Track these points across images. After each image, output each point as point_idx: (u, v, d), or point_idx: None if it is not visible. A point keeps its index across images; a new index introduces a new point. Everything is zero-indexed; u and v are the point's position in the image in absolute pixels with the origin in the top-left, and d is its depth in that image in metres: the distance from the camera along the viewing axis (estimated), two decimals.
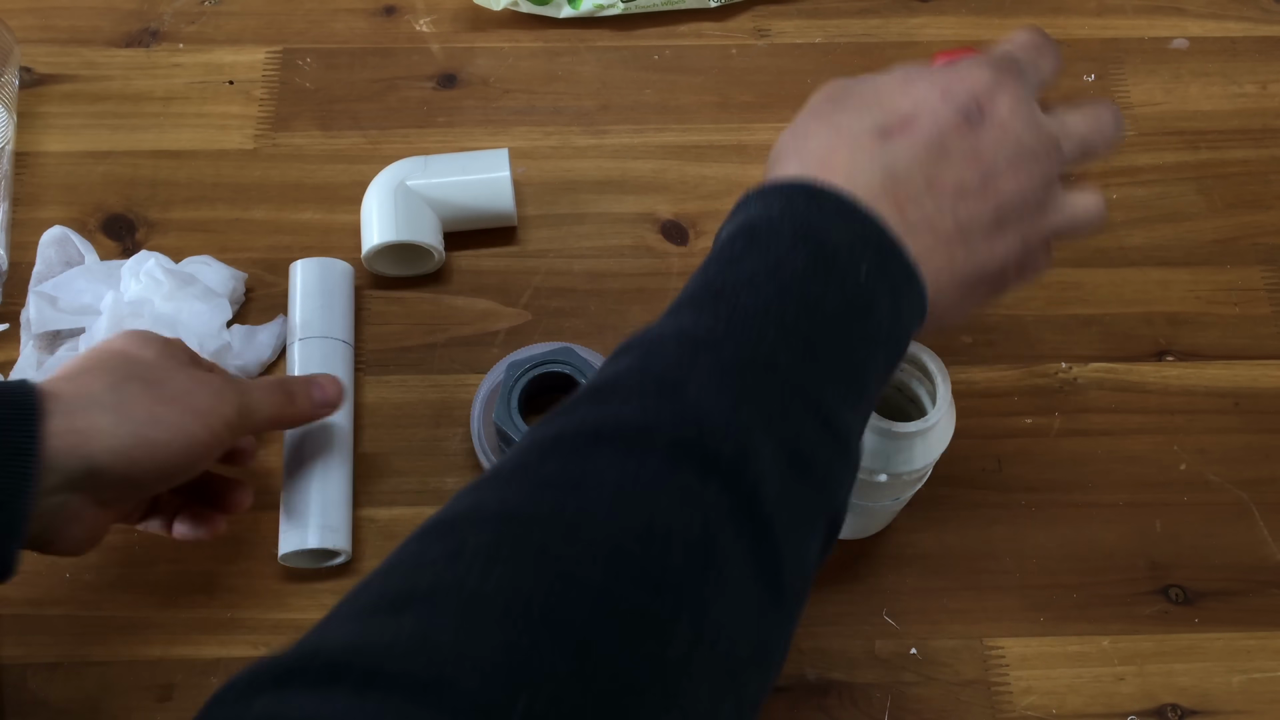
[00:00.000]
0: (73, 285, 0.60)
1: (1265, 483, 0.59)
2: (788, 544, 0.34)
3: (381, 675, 0.27)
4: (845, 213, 0.38)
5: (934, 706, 0.54)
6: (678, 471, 0.32)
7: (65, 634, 0.55)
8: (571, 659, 0.28)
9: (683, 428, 0.33)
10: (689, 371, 0.35)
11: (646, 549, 0.31)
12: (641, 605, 0.30)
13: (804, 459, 0.35)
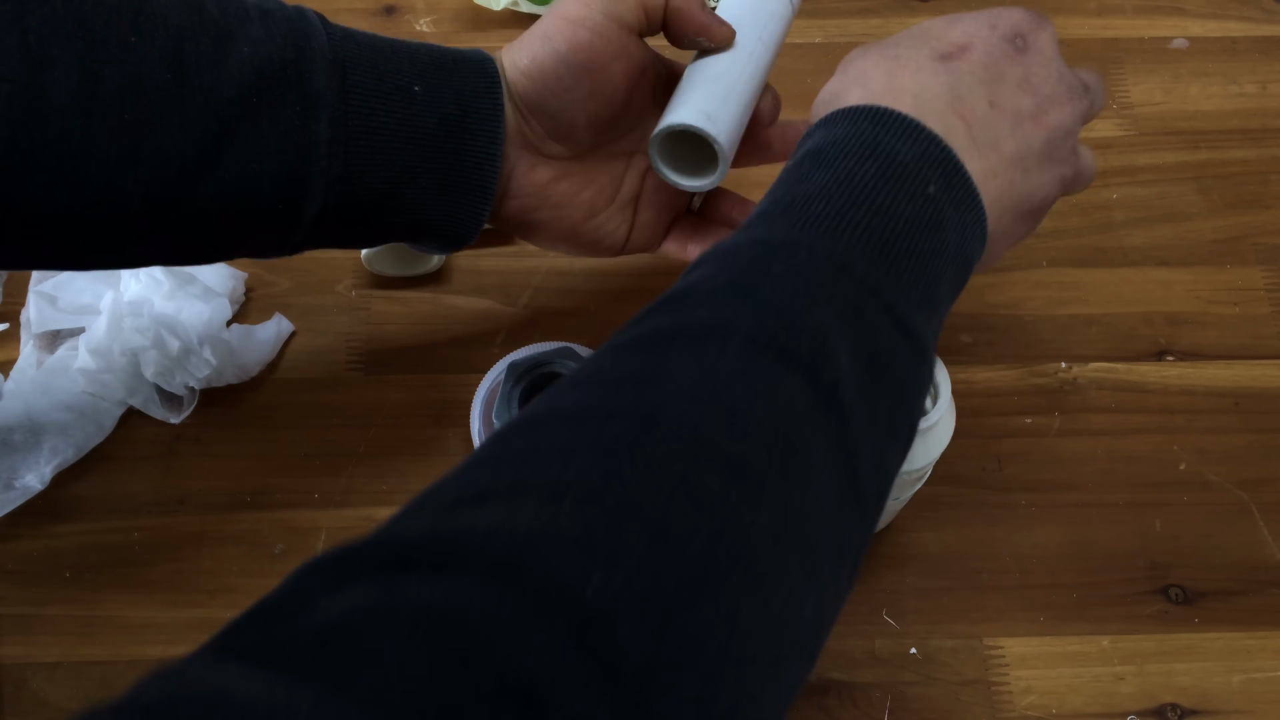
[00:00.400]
0: (73, 285, 0.60)
1: (1265, 483, 0.59)
2: (866, 443, 0.34)
3: (455, 559, 0.27)
4: (911, 132, 0.39)
5: (934, 706, 0.54)
6: (756, 364, 0.32)
7: (65, 634, 0.55)
8: (648, 538, 0.28)
9: (760, 324, 0.33)
10: (764, 274, 0.35)
11: (728, 436, 0.31)
12: (722, 491, 0.30)
13: (881, 361, 0.35)
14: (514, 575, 0.27)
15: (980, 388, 0.62)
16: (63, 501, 0.58)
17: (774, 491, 0.31)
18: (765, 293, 0.34)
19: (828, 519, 0.32)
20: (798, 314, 0.34)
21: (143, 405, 0.59)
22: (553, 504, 0.28)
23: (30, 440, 0.58)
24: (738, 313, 0.33)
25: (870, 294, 0.35)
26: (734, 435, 0.31)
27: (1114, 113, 0.70)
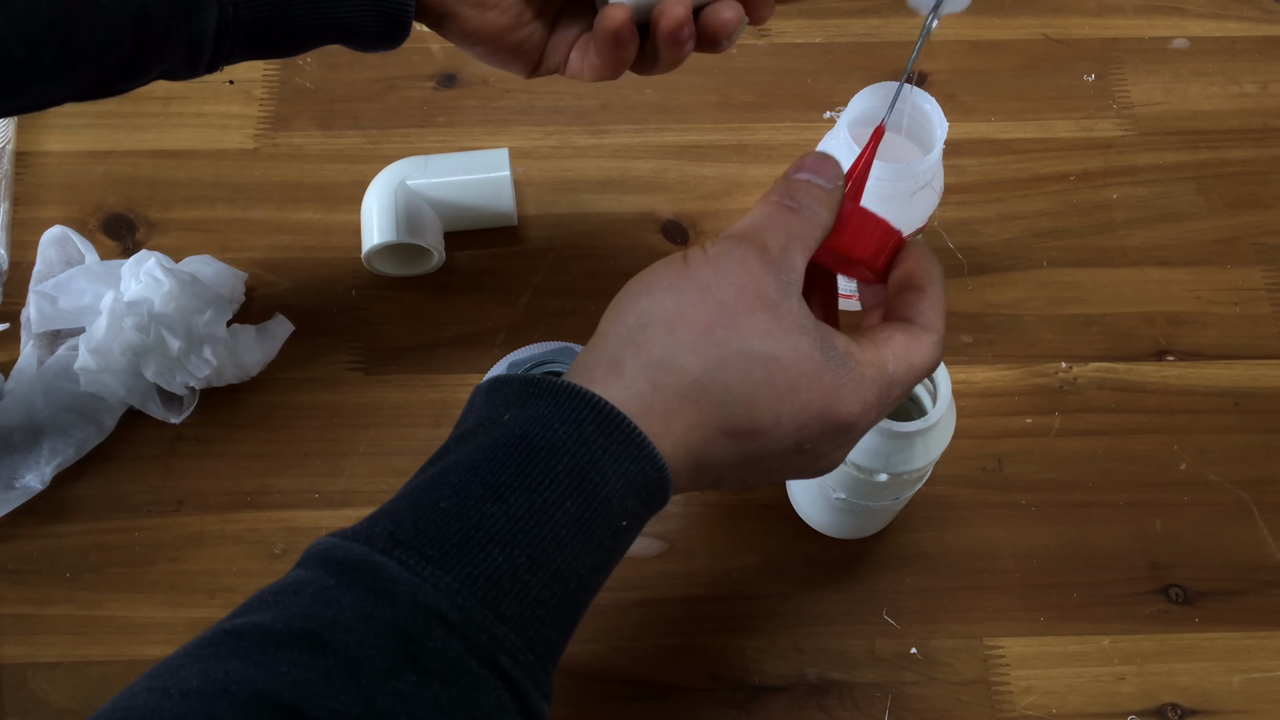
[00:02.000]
0: (73, 285, 0.60)
1: (1265, 483, 0.59)
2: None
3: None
4: (637, 460, 0.35)
5: (934, 706, 0.54)
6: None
7: (65, 634, 0.55)
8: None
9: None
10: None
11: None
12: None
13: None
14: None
15: (980, 388, 0.62)
16: (63, 501, 0.58)
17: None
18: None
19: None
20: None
21: (143, 405, 0.59)
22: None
23: (30, 440, 0.58)
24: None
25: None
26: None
27: (1114, 113, 0.70)
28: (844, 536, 0.57)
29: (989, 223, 0.67)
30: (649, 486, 0.36)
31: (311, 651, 0.30)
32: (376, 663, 0.30)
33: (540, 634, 0.33)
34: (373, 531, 0.33)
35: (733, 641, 0.55)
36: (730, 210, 0.67)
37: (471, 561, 0.32)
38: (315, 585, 0.32)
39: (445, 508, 0.33)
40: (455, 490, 0.34)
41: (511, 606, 0.32)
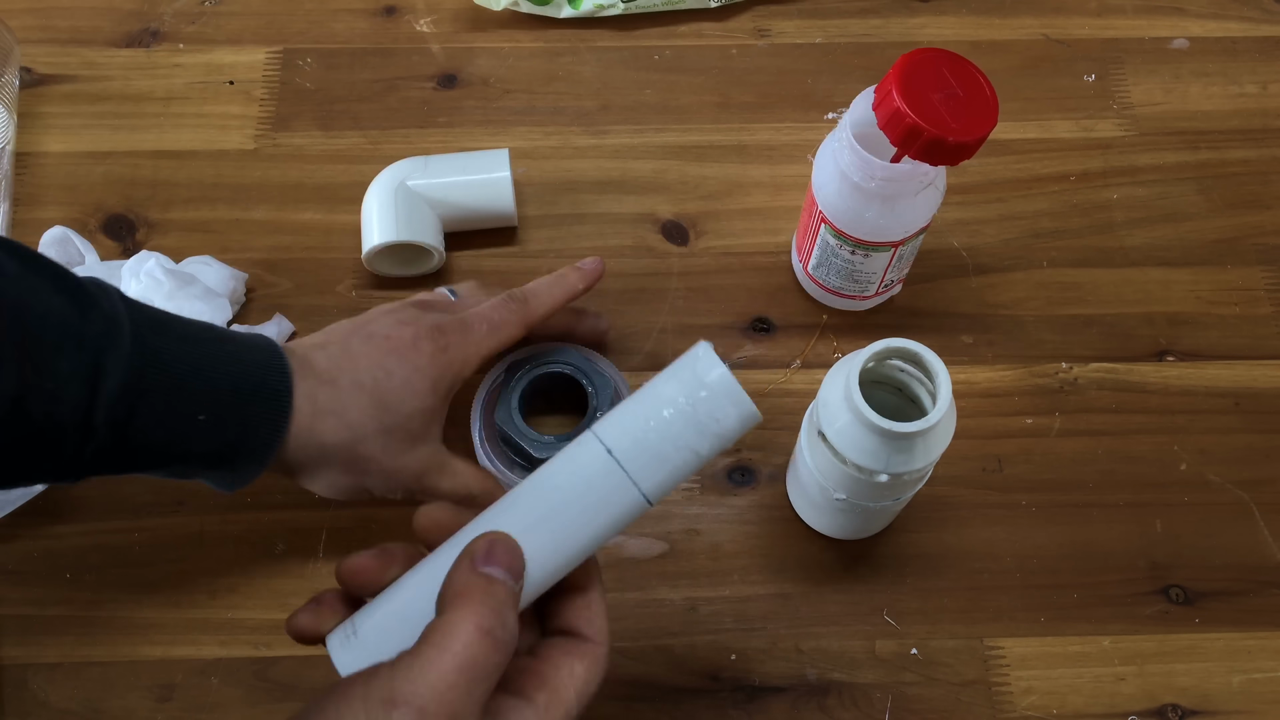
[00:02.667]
0: None
1: (1265, 483, 0.59)
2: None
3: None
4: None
5: (934, 706, 0.54)
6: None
7: (65, 634, 0.55)
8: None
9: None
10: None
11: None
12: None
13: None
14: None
15: (980, 388, 0.62)
16: (63, 501, 0.58)
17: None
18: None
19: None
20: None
21: None
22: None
23: None
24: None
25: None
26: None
27: (1114, 113, 0.70)
28: (844, 537, 0.57)
29: (989, 223, 0.67)
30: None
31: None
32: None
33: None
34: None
35: (733, 641, 0.55)
36: (730, 210, 0.67)
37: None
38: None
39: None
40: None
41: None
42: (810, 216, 0.59)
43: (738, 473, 0.59)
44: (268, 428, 0.46)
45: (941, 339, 0.63)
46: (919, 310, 0.64)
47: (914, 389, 0.50)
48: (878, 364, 0.49)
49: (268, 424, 0.46)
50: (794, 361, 0.62)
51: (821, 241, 0.58)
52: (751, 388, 0.61)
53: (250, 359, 0.46)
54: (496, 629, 0.34)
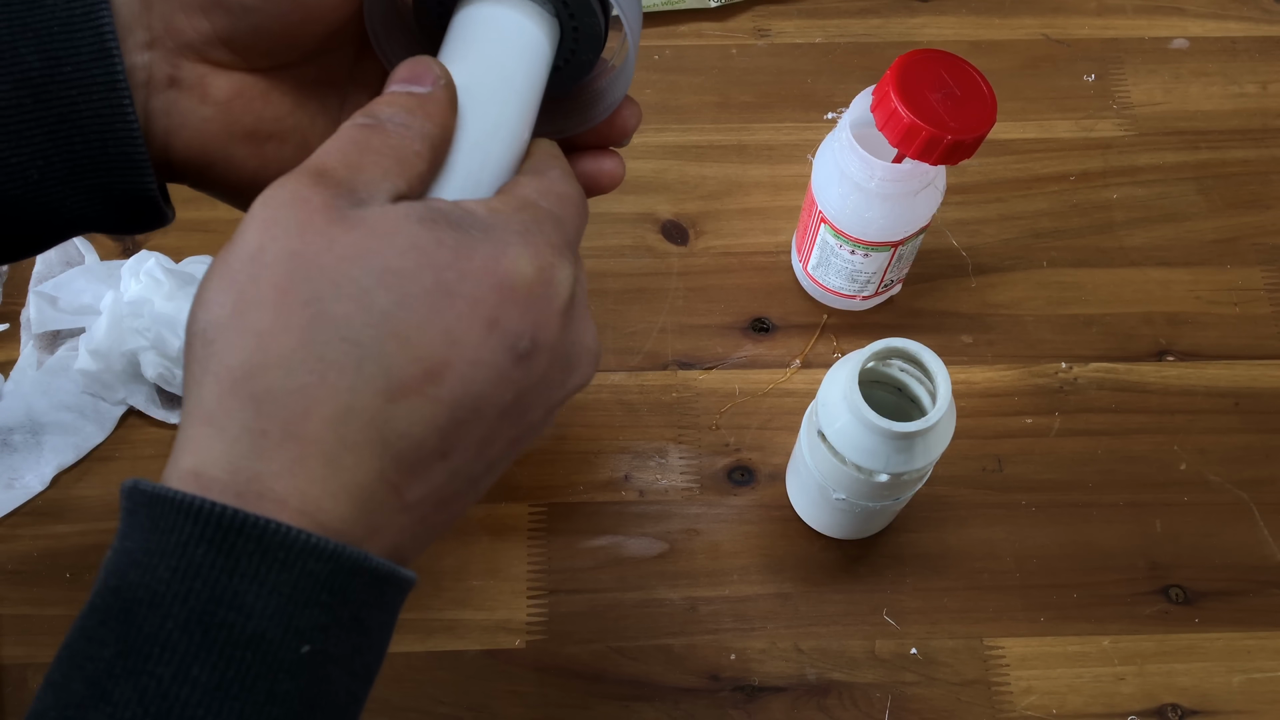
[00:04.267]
0: (73, 285, 0.60)
1: (1265, 483, 0.59)
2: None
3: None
4: (288, 566, 0.25)
5: (934, 706, 0.54)
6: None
7: (65, 634, 0.55)
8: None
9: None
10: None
11: None
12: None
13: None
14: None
15: (980, 388, 0.62)
16: (63, 502, 0.58)
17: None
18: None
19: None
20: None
21: (143, 405, 0.59)
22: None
23: (30, 440, 0.58)
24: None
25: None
26: None
27: (1114, 113, 0.70)
28: (844, 536, 0.57)
29: (989, 223, 0.67)
30: (329, 582, 0.26)
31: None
32: None
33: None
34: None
35: (733, 641, 0.55)
36: (730, 210, 0.67)
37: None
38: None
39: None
40: (56, 694, 0.26)
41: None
42: (810, 216, 0.59)
43: (738, 472, 0.59)
44: (81, 12, 0.30)
45: (941, 339, 0.63)
46: (919, 310, 0.64)
47: (914, 389, 0.50)
48: (878, 364, 0.49)
49: (79, 6, 0.30)
50: (794, 361, 0.62)
51: (821, 241, 0.58)
52: (751, 387, 0.61)
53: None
54: (361, 118, 0.29)
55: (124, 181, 0.32)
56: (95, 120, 0.31)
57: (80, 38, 0.31)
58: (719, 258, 0.65)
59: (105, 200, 0.33)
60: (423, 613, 0.55)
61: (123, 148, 0.32)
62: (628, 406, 0.61)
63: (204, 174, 0.35)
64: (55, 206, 0.33)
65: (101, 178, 0.32)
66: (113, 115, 0.31)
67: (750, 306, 0.64)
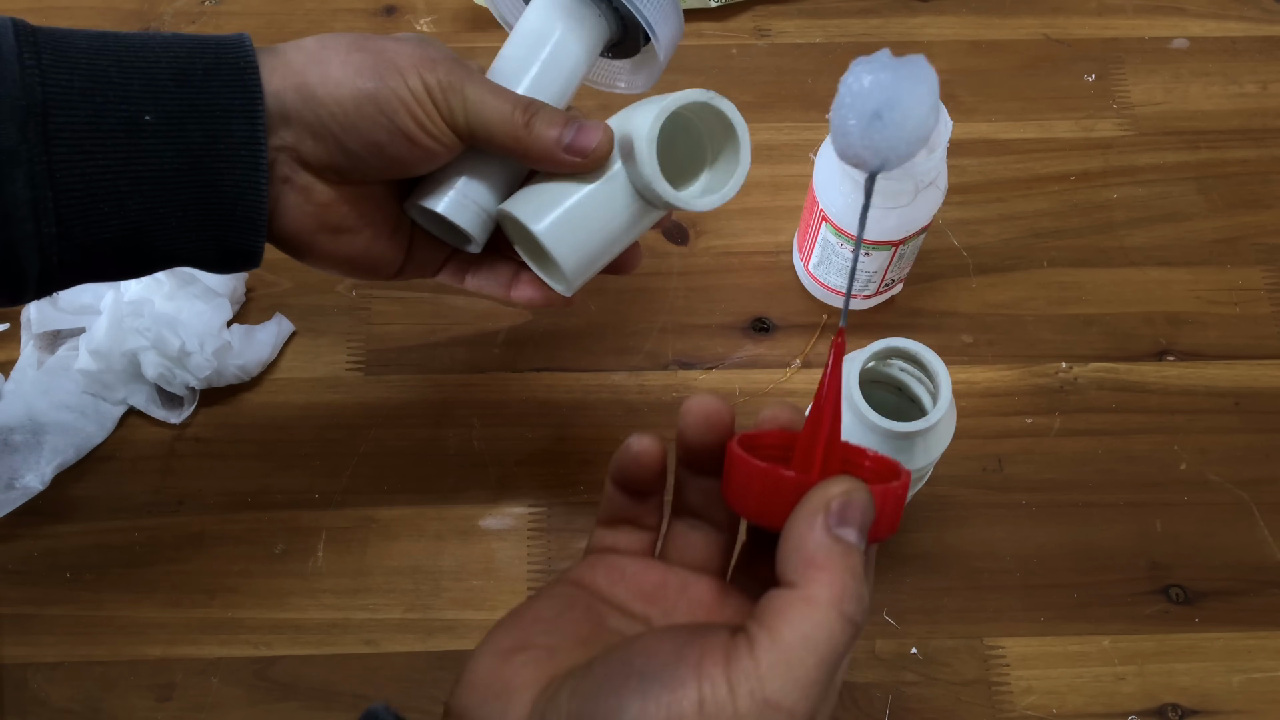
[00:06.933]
0: None
1: (1265, 483, 0.59)
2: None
3: None
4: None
5: (934, 706, 0.54)
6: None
7: (65, 634, 0.55)
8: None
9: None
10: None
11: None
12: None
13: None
14: None
15: (980, 388, 0.62)
16: (63, 501, 0.58)
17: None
18: None
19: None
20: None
21: (143, 405, 0.59)
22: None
23: (30, 440, 0.58)
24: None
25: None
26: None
27: (1114, 113, 0.70)
28: None
29: (989, 223, 0.67)
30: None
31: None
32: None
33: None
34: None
35: None
36: (730, 210, 0.67)
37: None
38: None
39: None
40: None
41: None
42: (811, 215, 0.59)
43: None
44: (240, 103, 0.39)
45: (941, 338, 0.63)
46: (919, 310, 0.64)
47: (914, 389, 0.50)
48: (878, 364, 0.49)
49: (240, 99, 0.39)
50: (794, 361, 0.62)
51: (822, 240, 0.58)
52: (752, 387, 0.61)
53: (189, 40, 0.39)
54: (856, 614, 0.29)
55: (240, 239, 0.41)
56: (234, 189, 0.40)
57: (237, 123, 0.39)
58: (719, 258, 0.65)
59: (218, 248, 0.41)
60: (423, 613, 0.55)
61: (249, 213, 0.40)
62: (628, 406, 0.61)
63: (285, 246, 0.44)
64: (177, 249, 0.41)
65: (223, 230, 0.41)
66: (249, 188, 0.40)
67: (750, 306, 0.64)
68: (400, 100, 0.40)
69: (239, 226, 0.41)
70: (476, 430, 0.60)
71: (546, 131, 0.42)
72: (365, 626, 0.55)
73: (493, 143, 0.42)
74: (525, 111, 0.42)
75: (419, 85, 0.41)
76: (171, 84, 0.38)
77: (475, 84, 0.42)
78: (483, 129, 0.42)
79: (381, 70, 0.40)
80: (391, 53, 0.41)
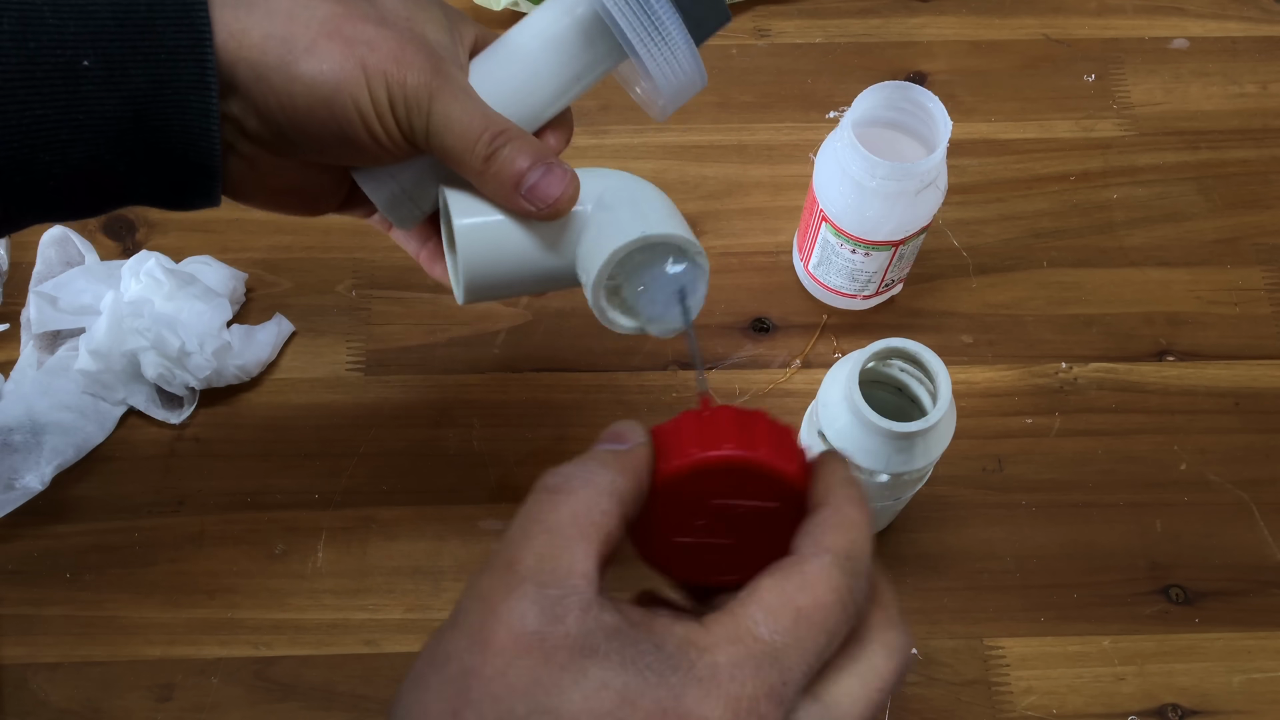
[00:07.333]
0: (73, 285, 0.60)
1: (1265, 483, 0.59)
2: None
3: None
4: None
5: (934, 706, 0.54)
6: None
7: (65, 634, 0.55)
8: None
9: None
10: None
11: None
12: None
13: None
14: None
15: (980, 388, 0.62)
16: (63, 502, 0.58)
17: None
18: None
19: None
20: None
21: (143, 405, 0.59)
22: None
23: (30, 440, 0.58)
24: None
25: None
26: None
27: (1114, 113, 0.70)
28: None
29: (989, 223, 0.67)
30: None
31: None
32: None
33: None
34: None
35: None
36: (730, 210, 0.67)
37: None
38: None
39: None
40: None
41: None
42: (811, 215, 0.59)
43: None
44: (187, 43, 0.36)
45: (941, 339, 0.63)
46: (919, 310, 0.64)
47: (914, 389, 0.50)
48: (878, 364, 0.49)
49: (186, 40, 0.36)
50: (794, 361, 0.62)
51: (822, 240, 0.58)
52: (752, 387, 0.61)
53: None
54: (551, 481, 0.32)
55: (194, 181, 0.40)
56: (184, 135, 0.37)
57: (184, 66, 0.36)
58: (719, 258, 0.65)
59: (172, 190, 0.40)
60: (423, 613, 0.55)
61: (202, 159, 0.39)
62: (628, 406, 0.61)
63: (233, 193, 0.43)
64: (129, 192, 0.39)
65: (176, 175, 0.39)
66: (201, 134, 0.38)
67: (750, 306, 0.64)
68: (358, 111, 0.38)
69: (192, 170, 0.39)
70: (476, 430, 0.60)
71: (510, 165, 0.39)
72: (365, 627, 0.55)
73: (450, 165, 0.40)
74: (491, 142, 0.39)
75: (383, 96, 0.38)
76: (111, 23, 0.35)
77: (445, 97, 0.39)
78: (441, 151, 0.40)
79: (347, 71, 0.37)
80: (366, 46, 0.37)
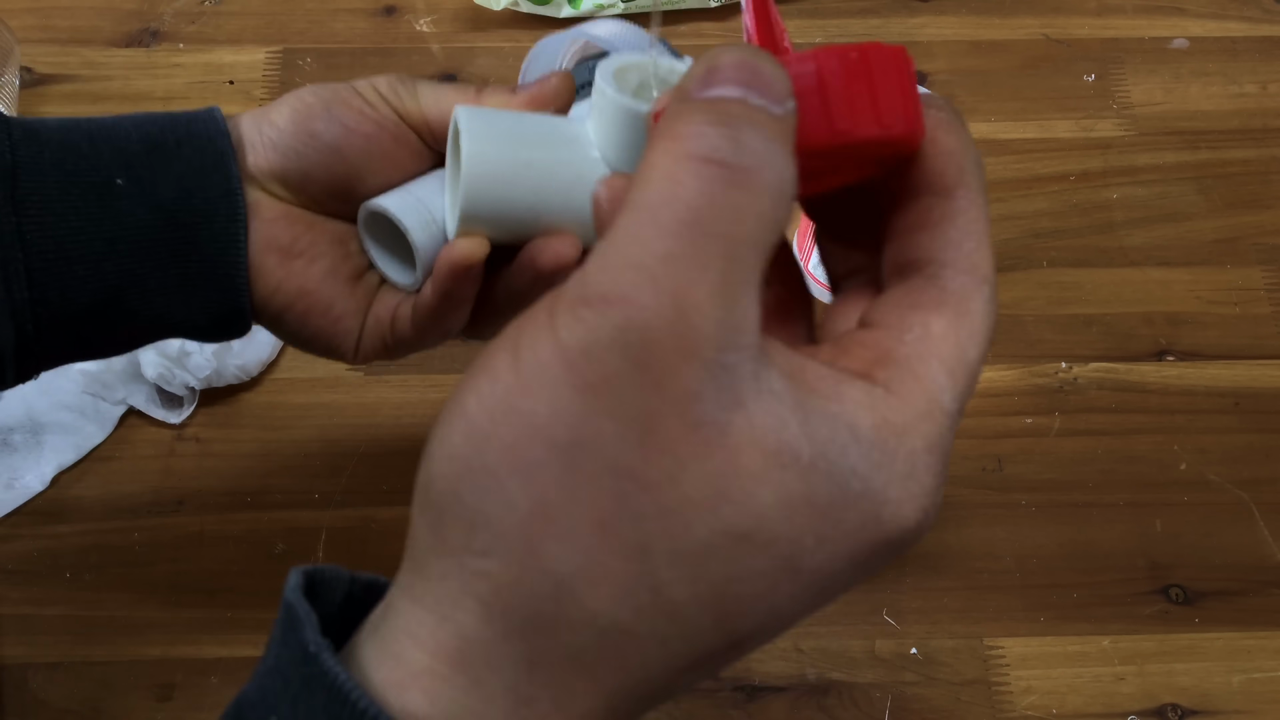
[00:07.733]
0: None
1: (1265, 483, 0.59)
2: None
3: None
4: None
5: (934, 706, 0.54)
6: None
7: (65, 634, 0.55)
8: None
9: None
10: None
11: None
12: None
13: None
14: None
15: (980, 388, 0.62)
16: (63, 501, 0.58)
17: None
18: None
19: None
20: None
21: (143, 405, 0.59)
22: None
23: (30, 440, 0.58)
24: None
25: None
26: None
27: (1114, 113, 0.70)
28: None
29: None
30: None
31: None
32: None
33: None
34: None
35: None
36: None
37: None
38: None
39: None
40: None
41: None
42: None
43: None
44: (214, 159, 0.38)
45: None
46: None
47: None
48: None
49: (211, 158, 0.38)
50: None
51: None
52: None
53: (161, 116, 0.39)
54: (726, 152, 0.20)
55: (223, 297, 0.39)
56: (212, 244, 0.38)
57: (211, 178, 0.38)
58: None
59: (202, 311, 0.39)
60: None
61: (229, 270, 0.39)
62: None
63: (273, 319, 0.41)
64: (160, 313, 0.39)
65: (206, 291, 0.39)
66: (229, 242, 0.38)
67: None
68: (344, 100, 0.40)
69: (220, 284, 0.39)
70: None
71: (495, 95, 0.40)
72: None
73: (446, 121, 0.40)
74: (479, 90, 0.40)
75: (368, 89, 0.40)
76: (142, 152, 0.38)
77: (429, 85, 0.41)
78: (434, 107, 0.40)
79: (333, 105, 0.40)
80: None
